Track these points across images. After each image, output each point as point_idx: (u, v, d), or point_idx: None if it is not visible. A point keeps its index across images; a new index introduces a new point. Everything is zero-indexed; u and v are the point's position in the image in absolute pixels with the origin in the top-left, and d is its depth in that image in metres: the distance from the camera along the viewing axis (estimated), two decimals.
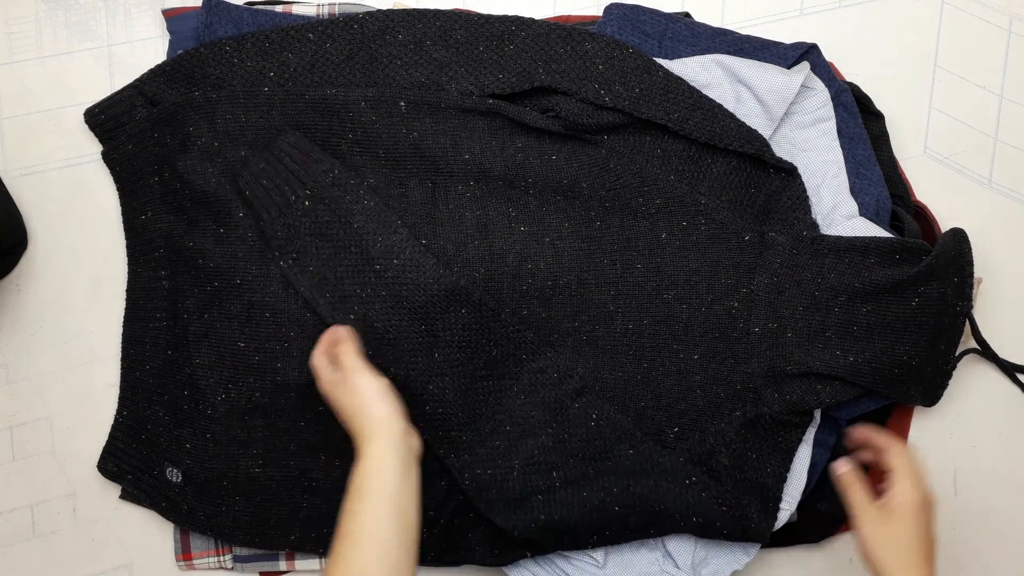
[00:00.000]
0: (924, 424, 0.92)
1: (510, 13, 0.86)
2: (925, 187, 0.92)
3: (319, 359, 0.76)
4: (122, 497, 0.89)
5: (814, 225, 0.84)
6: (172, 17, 0.88)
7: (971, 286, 0.81)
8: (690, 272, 0.84)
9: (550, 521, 0.81)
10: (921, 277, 0.81)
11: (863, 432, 0.79)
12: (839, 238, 0.82)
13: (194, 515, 0.86)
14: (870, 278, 0.81)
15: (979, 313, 0.93)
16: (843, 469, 0.76)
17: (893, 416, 0.90)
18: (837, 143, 0.85)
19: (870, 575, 0.72)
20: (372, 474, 0.68)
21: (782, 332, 0.82)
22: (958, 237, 0.82)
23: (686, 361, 0.84)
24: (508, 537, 0.83)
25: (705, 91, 0.84)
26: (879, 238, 0.82)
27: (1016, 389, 0.93)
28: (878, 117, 0.90)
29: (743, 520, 0.82)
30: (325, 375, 0.75)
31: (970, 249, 0.81)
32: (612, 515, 0.81)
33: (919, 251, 0.82)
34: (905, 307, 0.81)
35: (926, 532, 0.72)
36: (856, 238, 0.82)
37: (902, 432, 0.91)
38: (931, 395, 0.85)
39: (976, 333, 0.88)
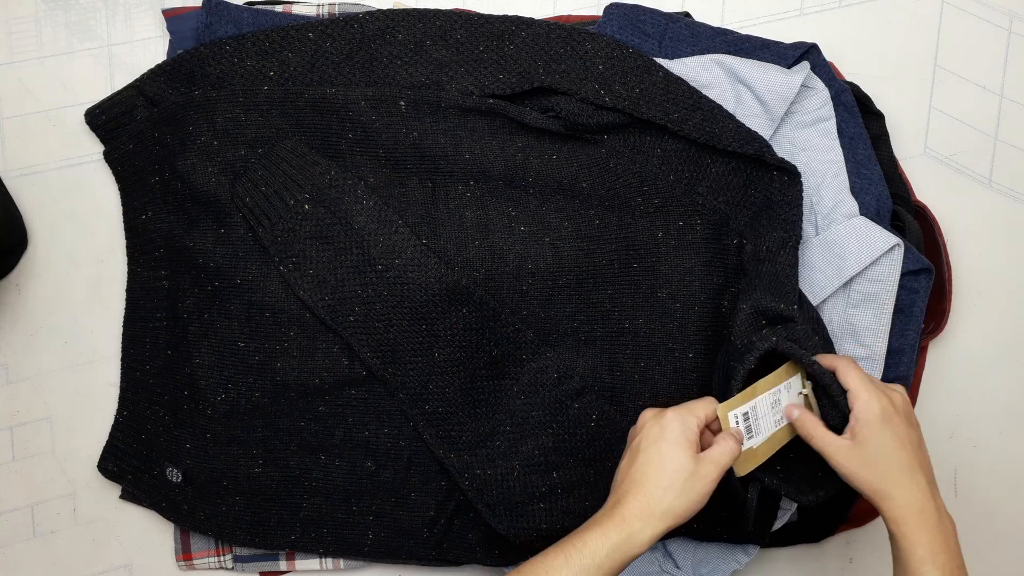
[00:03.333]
0: (924, 424, 0.92)
1: (510, 13, 0.86)
2: (925, 187, 0.92)
3: (671, 413, 0.69)
4: (122, 497, 0.89)
5: (796, 235, 0.82)
6: (172, 17, 0.88)
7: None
8: (684, 271, 0.84)
9: (552, 530, 0.80)
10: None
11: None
12: (791, 263, 0.81)
13: (194, 515, 0.86)
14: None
15: (979, 314, 0.93)
16: (795, 413, 0.71)
17: None
18: (837, 143, 0.85)
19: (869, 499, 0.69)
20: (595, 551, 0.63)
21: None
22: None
23: (681, 360, 0.84)
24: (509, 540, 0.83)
25: (705, 91, 0.84)
26: (790, 298, 0.79)
27: (1017, 387, 0.93)
28: (878, 117, 0.90)
29: (743, 524, 0.81)
30: (659, 419, 0.69)
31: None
32: None
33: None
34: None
35: (902, 440, 0.68)
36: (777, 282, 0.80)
37: None
38: None
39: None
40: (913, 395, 0.90)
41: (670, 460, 0.66)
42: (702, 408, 0.70)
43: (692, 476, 0.66)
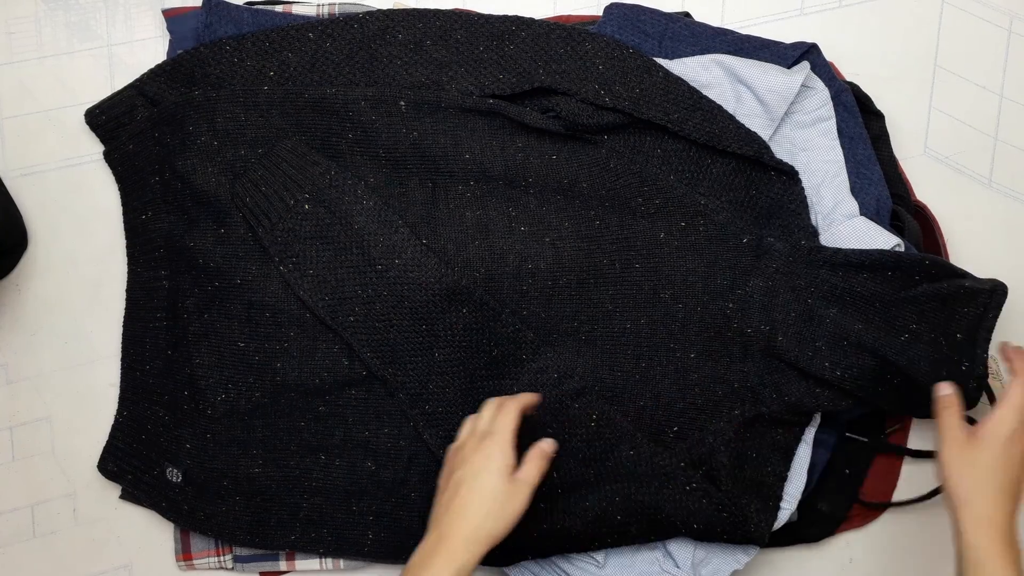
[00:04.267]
0: (924, 422, 0.92)
1: (510, 13, 0.86)
2: (925, 187, 0.92)
3: (478, 422, 0.71)
4: (122, 497, 0.89)
5: (814, 233, 0.83)
6: (172, 17, 0.88)
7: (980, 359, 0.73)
8: (687, 272, 0.84)
9: (552, 530, 0.80)
10: (913, 315, 0.78)
11: (1012, 351, 0.73)
12: (836, 251, 0.80)
13: (194, 515, 0.86)
14: (862, 293, 0.80)
15: None
16: (946, 391, 0.71)
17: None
18: (837, 143, 0.85)
19: (947, 509, 0.68)
20: None
21: (774, 336, 0.82)
22: (990, 298, 0.73)
23: (683, 360, 0.84)
24: (508, 538, 0.83)
25: (705, 91, 0.84)
26: (875, 252, 0.79)
27: None
28: (878, 117, 0.90)
29: (743, 524, 0.81)
30: (469, 441, 0.71)
31: (995, 316, 0.73)
32: (614, 523, 0.81)
33: (913, 267, 0.78)
34: (894, 340, 0.78)
35: (1012, 464, 0.67)
36: (852, 252, 0.80)
37: (903, 427, 0.91)
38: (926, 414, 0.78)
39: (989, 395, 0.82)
40: None
41: (489, 487, 0.68)
42: (512, 415, 0.70)
43: (506, 498, 0.68)
